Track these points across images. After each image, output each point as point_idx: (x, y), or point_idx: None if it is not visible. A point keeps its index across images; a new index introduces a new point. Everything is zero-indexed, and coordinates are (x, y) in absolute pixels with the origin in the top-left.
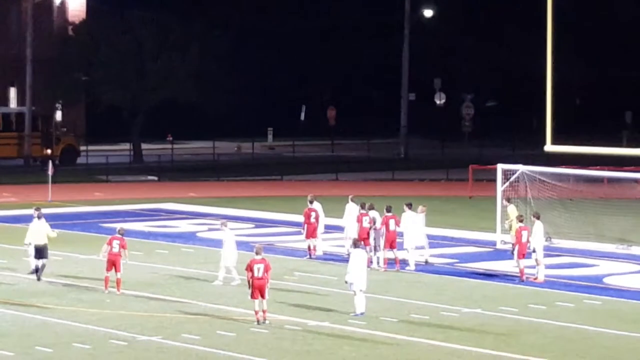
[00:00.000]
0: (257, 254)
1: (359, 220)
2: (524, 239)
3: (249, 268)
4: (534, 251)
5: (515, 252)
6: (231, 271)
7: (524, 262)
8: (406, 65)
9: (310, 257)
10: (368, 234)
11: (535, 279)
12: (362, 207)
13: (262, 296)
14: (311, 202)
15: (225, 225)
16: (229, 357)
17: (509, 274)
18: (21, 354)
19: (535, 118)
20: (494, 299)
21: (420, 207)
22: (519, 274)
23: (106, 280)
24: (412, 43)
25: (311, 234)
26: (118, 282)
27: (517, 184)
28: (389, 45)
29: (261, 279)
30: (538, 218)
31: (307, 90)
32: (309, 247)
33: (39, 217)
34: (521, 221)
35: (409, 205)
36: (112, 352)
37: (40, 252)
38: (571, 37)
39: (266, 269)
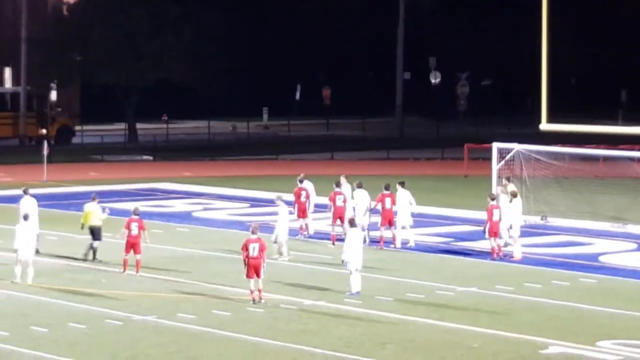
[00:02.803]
0: (252, 233)
1: (332, 199)
2: (495, 218)
3: (245, 247)
4: (510, 228)
5: (486, 230)
6: (282, 246)
7: (497, 241)
8: (401, 44)
9: (303, 236)
10: (343, 211)
11: (512, 257)
12: (337, 185)
13: (258, 275)
14: (301, 182)
15: (281, 200)
16: (224, 336)
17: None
18: (17, 333)
19: (531, 97)
20: (490, 278)
21: (499, 188)
22: (490, 252)
23: (125, 262)
24: (407, 21)
25: (302, 213)
26: (138, 263)
27: (513, 163)
28: (384, 24)
29: (256, 258)
30: (515, 196)
31: (302, 70)
32: (300, 227)
33: (93, 199)
34: (493, 199)
35: (402, 184)
36: (107, 331)
37: (95, 233)
38: (567, 15)
39: (262, 249)
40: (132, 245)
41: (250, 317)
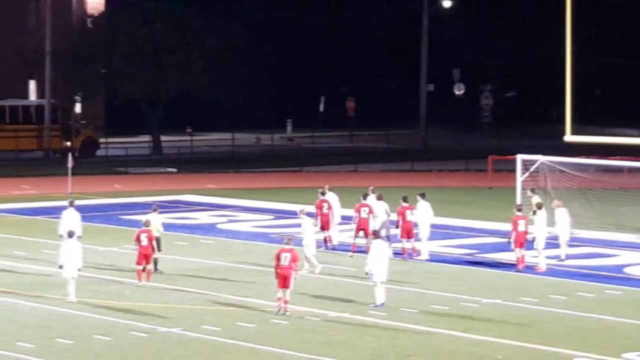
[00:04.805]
0: (286, 244)
1: (357, 211)
2: (520, 228)
3: (277, 257)
4: (533, 240)
5: (512, 241)
6: (310, 259)
7: (522, 251)
8: (425, 55)
9: (327, 248)
10: (367, 224)
11: (537, 268)
12: (364, 197)
13: (286, 285)
14: (323, 194)
15: (304, 214)
16: (249, 348)
17: (527, 264)
18: (41, 345)
19: (555, 108)
20: (514, 290)
21: (555, 202)
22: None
23: (139, 273)
24: (431, 33)
25: (324, 225)
26: (148, 273)
27: (537, 175)
28: (408, 36)
29: (287, 267)
30: (540, 208)
31: (326, 82)
32: (324, 239)
33: (154, 210)
34: (519, 210)
35: (422, 195)
36: (132, 343)
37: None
38: (591, 26)
39: (293, 259)
40: (144, 256)
41: (275, 328)
